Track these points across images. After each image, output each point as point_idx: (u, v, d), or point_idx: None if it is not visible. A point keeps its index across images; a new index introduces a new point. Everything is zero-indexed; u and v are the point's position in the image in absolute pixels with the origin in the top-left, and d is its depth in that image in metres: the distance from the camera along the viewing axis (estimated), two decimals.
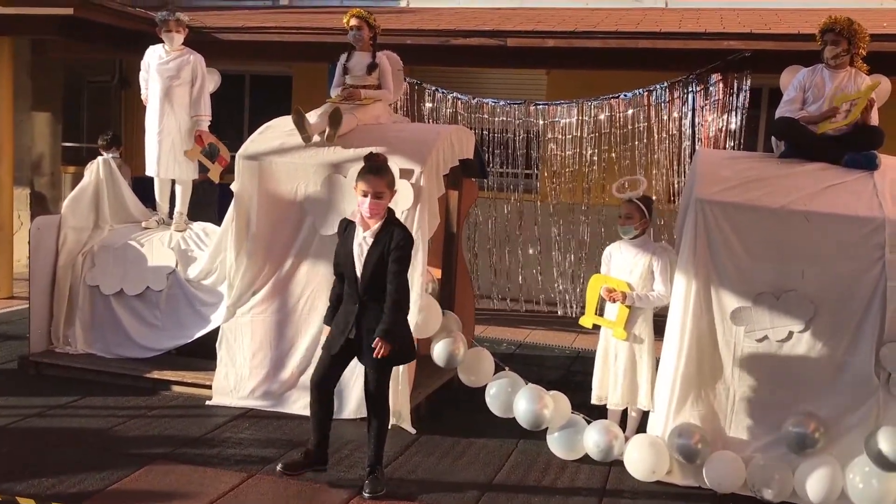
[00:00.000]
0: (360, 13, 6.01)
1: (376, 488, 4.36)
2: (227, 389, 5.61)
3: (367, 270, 4.25)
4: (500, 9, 9.68)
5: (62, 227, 6.30)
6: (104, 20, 8.59)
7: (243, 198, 5.62)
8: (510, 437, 5.23)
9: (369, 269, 4.24)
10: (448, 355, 5.34)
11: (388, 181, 4.26)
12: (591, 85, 8.55)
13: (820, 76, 5.18)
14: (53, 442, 4.85)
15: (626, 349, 5.04)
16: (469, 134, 6.25)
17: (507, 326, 8.48)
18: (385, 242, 4.22)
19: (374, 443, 4.44)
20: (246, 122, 10.85)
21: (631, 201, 5.10)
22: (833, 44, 5.10)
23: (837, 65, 5.12)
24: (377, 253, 4.23)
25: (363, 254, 4.27)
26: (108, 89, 11.66)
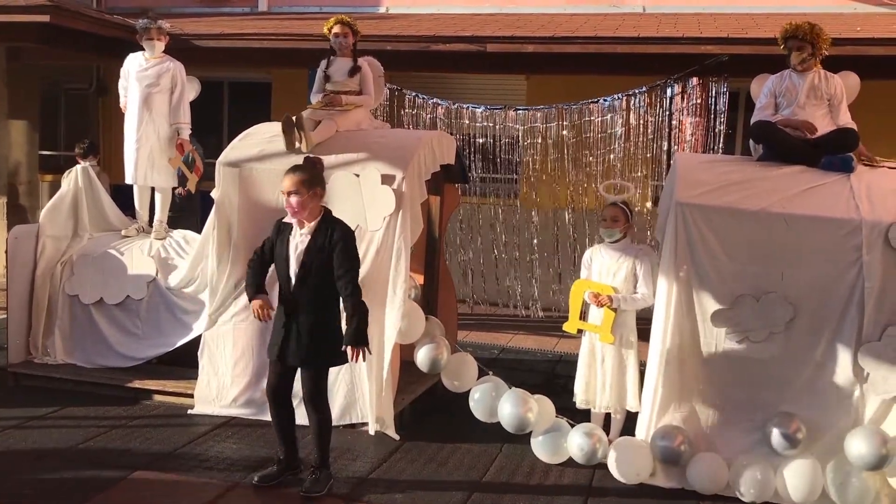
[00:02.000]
0: (344, 20, 6.01)
1: (312, 488, 4.37)
2: (210, 398, 5.57)
3: (301, 270, 4.24)
4: (479, 15, 9.72)
5: (40, 235, 6.23)
6: (81, 27, 8.54)
7: (224, 205, 5.59)
8: (494, 442, 5.23)
9: (304, 269, 4.24)
10: (432, 361, 5.34)
11: (304, 179, 4.21)
12: (570, 90, 8.61)
13: (790, 81, 5.27)
14: (33, 454, 4.79)
15: (613, 353, 5.06)
16: (450, 139, 6.26)
17: (490, 331, 8.50)
18: (323, 241, 4.22)
19: (316, 443, 4.44)
20: (225, 129, 10.80)
21: (616, 205, 5.13)
22: (798, 49, 5.22)
23: (805, 68, 5.22)
24: (314, 251, 4.22)
25: (299, 253, 4.25)
26: (85, 97, 11.57)
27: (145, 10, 10.00)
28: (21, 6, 8.18)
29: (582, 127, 8.30)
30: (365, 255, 5.33)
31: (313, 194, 4.25)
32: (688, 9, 9.52)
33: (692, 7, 9.58)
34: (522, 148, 8.65)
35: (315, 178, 4.29)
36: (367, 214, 5.34)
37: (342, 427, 5.36)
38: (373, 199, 5.33)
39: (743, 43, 7.60)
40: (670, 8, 9.61)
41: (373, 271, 5.31)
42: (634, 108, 8.16)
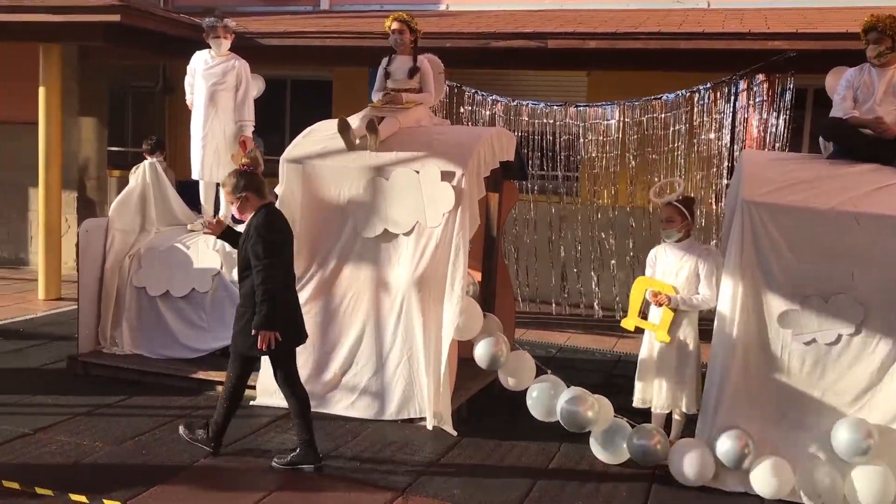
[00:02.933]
0: (401, 17, 6.03)
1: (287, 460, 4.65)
2: (271, 390, 5.63)
3: (237, 263, 4.71)
4: (539, 11, 9.66)
5: (109, 229, 6.42)
6: (149, 26, 8.74)
7: (287, 200, 5.68)
8: (552, 440, 5.21)
9: (238, 263, 4.70)
10: (490, 357, 5.33)
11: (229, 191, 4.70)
12: (632, 86, 8.50)
13: (868, 75, 5.11)
14: (101, 440, 4.94)
15: (672, 352, 4.99)
16: (510, 136, 6.24)
17: (547, 330, 8.45)
18: (246, 235, 4.62)
19: (297, 424, 4.69)
20: (287, 126, 10.95)
21: (670, 204, 5.06)
22: (876, 42, 5.05)
23: (882, 63, 5.05)
24: (241, 246, 4.67)
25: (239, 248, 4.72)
26: (152, 94, 11.86)
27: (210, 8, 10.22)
28: (92, 6, 8.41)
29: (644, 124, 8.19)
30: (424, 251, 5.37)
31: (244, 198, 4.67)
32: (754, 4, 9.31)
33: (758, 2, 9.37)
34: (583, 145, 8.57)
35: (236, 185, 4.68)
36: (426, 211, 5.37)
37: (400, 421, 5.40)
38: (432, 195, 5.35)
39: (811, 38, 7.40)
40: (736, 3, 9.41)
41: (431, 268, 5.34)
42: (698, 105, 8.02)
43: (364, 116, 5.74)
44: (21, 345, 7.00)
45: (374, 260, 5.51)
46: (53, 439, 4.91)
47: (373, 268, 5.51)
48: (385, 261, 5.50)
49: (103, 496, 4.18)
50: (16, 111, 10.32)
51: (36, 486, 4.27)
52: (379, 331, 5.47)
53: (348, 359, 5.53)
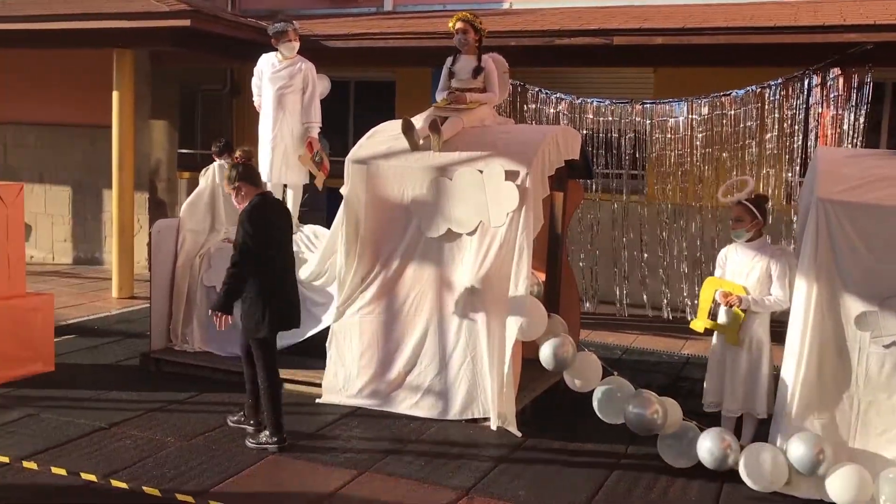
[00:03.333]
0: (465, 16, 6.01)
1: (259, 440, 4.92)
2: (337, 388, 5.72)
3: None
4: (605, 7, 9.54)
5: (180, 229, 6.58)
6: (218, 30, 8.93)
7: (352, 200, 5.73)
8: (619, 443, 5.14)
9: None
10: (556, 358, 5.27)
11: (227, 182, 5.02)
12: (700, 83, 8.32)
13: None
14: (173, 435, 5.06)
15: (743, 355, 4.87)
16: (576, 134, 6.18)
17: (612, 331, 8.35)
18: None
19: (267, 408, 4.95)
20: (351, 128, 11.06)
21: (740, 203, 4.93)
22: None
23: None
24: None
25: None
26: (219, 97, 12.11)
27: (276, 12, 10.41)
28: (163, 12, 8.64)
29: (713, 121, 8.01)
30: (487, 251, 5.35)
31: (238, 188, 4.97)
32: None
33: None
34: (649, 143, 8.44)
35: (231, 177, 4.99)
36: (490, 210, 5.35)
37: (464, 421, 5.40)
38: (496, 195, 5.33)
39: (890, 30, 7.13)
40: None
41: (495, 267, 5.32)
42: (769, 101, 7.80)
43: (427, 117, 5.75)
44: (96, 342, 7.23)
45: (437, 260, 5.52)
46: (127, 434, 5.06)
47: (436, 267, 5.52)
48: (449, 260, 5.50)
49: (175, 490, 4.29)
50: (91, 115, 10.67)
51: (111, 478, 4.39)
52: (442, 330, 5.48)
53: (412, 358, 5.55)
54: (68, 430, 5.06)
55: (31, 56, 10.85)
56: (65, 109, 11.08)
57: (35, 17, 9.15)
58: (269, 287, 4.86)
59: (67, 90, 11.02)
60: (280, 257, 4.97)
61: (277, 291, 4.91)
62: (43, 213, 11.41)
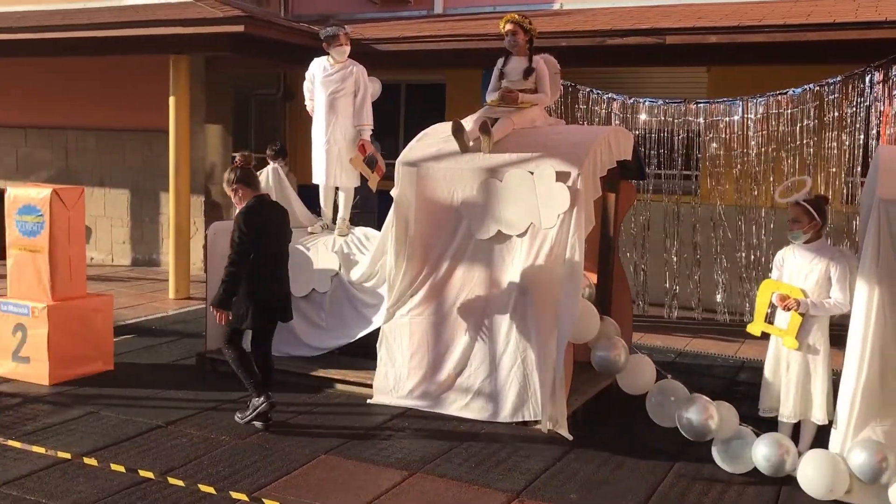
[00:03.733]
0: (514, 18, 5.98)
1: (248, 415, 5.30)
2: (387, 389, 5.75)
3: None
4: (657, 7, 9.41)
5: None
6: (271, 35, 9.07)
7: (402, 203, 5.75)
8: (672, 448, 5.06)
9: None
10: (608, 362, 5.23)
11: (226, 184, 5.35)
12: (754, 81, 8.18)
13: None
14: (227, 434, 5.14)
15: (800, 359, 4.76)
16: (628, 135, 6.11)
17: (665, 333, 8.23)
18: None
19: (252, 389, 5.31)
20: (401, 130, 11.13)
21: (798, 204, 4.82)
22: None
23: None
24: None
25: None
26: (273, 102, 12.29)
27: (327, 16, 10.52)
28: (218, 18, 8.80)
29: (769, 120, 7.85)
30: (538, 252, 5.32)
31: (235, 190, 5.30)
32: None
33: None
34: (703, 143, 8.30)
35: (230, 180, 5.32)
36: (541, 212, 5.32)
37: (515, 424, 5.38)
38: (547, 196, 5.30)
39: None
40: None
41: (546, 269, 5.29)
42: (828, 99, 7.61)
43: (478, 118, 5.75)
44: (154, 342, 7.40)
45: (487, 261, 5.51)
46: (184, 432, 5.16)
47: (486, 269, 5.51)
48: (499, 262, 5.48)
49: (230, 488, 4.36)
50: (148, 120, 10.93)
51: (168, 476, 4.49)
52: (492, 332, 5.46)
53: (462, 360, 5.54)
54: (127, 428, 5.19)
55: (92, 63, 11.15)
56: (124, 114, 11.37)
57: (96, 25, 9.41)
58: (256, 285, 5.20)
59: (126, 96, 11.31)
60: (273, 256, 5.31)
61: (264, 289, 5.25)
62: (103, 215, 11.72)
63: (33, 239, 6.12)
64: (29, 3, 11.29)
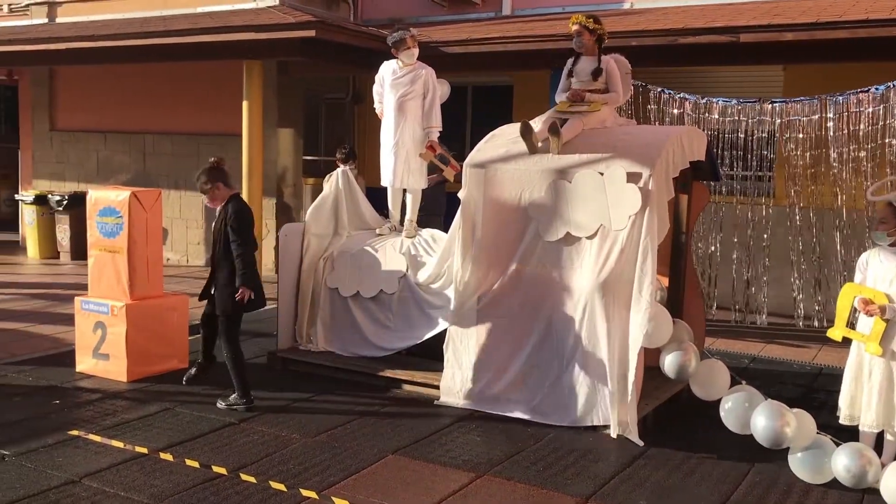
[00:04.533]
0: (579, 19, 5.91)
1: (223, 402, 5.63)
2: (454, 390, 5.75)
3: (213, 241, 5.70)
4: (731, 4, 9.20)
5: (305, 233, 6.79)
6: (341, 40, 9.19)
7: (469, 205, 5.75)
8: (746, 455, 4.92)
9: (214, 239, 5.68)
10: (679, 367, 5.14)
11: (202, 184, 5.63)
12: (833, 79, 7.91)
13: None
14: (298, 432, 5.21)
15: (883, 366, 4.57)
16: (701, 135, 5.99)
17: (739, 339, 8.03)
18: (223, 217, 5.59)
19: (233, 374, 5.62)
20: (468, 132, 11.13)
21: (889, 204, 4.64)
22: None
23: None
24: (218, 225, 5.62)
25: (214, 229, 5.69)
26: (342, 105, 12.45)
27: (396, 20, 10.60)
28: (290, 23, 8.96)
29: (849, 119, 7.58)
30: (609, 254, 5.26)
31: (213, 188, 5.63)
32: None
33: None
34: (779, 143, 8.07)
35: (208, 178, 5.61)
36: (611, 214, 5.26)
37: (583, 428, 5.32)
38: (617, 197, 5.24)
39: None
40: None
41: (617, 271, 5.22)
42: None
43: (547, 119, 5.71)
44: None
45: (556, 263, 5.47)
46: (255, 430, 5.25)
47: (555, 271, 5.47)
48: (567, 264, 5.43)
49: (300, 486, 4.41)
50: (222, 124, 11.20)
51: (240, 472, 4.57)
52: (561, 335, 5.42)
53: (529, 362, 5.51)
54: (201, 425, 5.31)
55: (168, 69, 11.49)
56: (198, 119, 11.68)
57: (172, 32, 9.68)
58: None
59: (201, 100, 11.61)
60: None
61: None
62: (178, 217, 12.05)
63: (113, 240, 6.33)
64: (108, 12, 11.70)
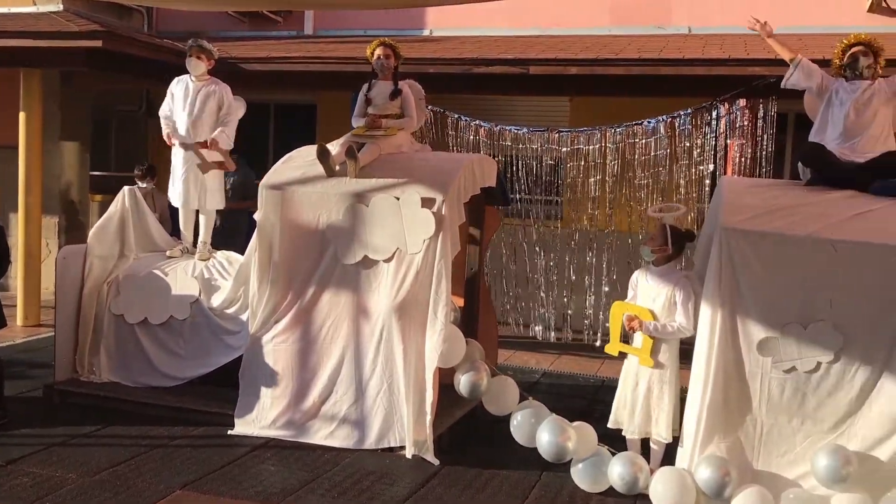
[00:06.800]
0: (387, 42, 6.08)
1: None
2: (250, 419, 5.60)
3: None
4: (522, 37, 9.71)
5: (88, 255, 6.36)
6: (132, 51, 8.73)
7: (266, 227, 5.65)
8: (534, 468, 5.16)
9: None
10: (471, 385, 5.30)
11: None
12: (614, 112, 8.54)
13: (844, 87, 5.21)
14: (75, 471, 4.85)
15: (649, 377, 4.96)
16: (492, 162, 6.25)
17: (533, 352, 8.43)
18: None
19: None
20: (271, 151, 10.93)
21: (664, 226, 5.06)
22: (864, 55, 5.21)
23: (867, 77, 5.20)
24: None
25: None
26: (135, 118, 11.83)
27: (193, 33, 10.21)
28: (73, 32, 8.40)
29: (626, 149, 8.22)
30: (404, 277, 5.35)
31: None
32: (734, 30, 9.35)
33: (739, 28, 9.39)
34: (566, 170, 8.60)
35: None
36: (406, 237, 5.35)
37: (380, 451, 5.35)
38: (412, 221, 5.34)
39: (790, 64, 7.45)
40: (716, 29, 9.47)
41: (412, 294, 5.31)
42: (679, 131, 8.06)
43: (344, 143, 5.74)
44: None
45: (353, 287, 5.48)
46: (25, 471, 4.82)
47: (353, 294, 5.48)
48: (365, 287, 5.47)
49: None
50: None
51: None
52: (358, 359, 5.43)
53: (328, 387, 5.48)
54: None
55: None
56: None
57: None
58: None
59: None
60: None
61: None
62: None
63: None
64: None
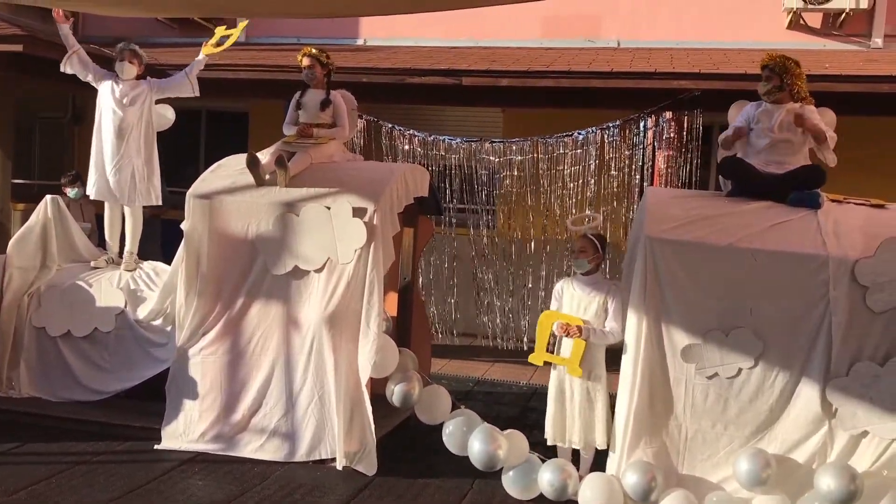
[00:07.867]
0: (311, 52, 6.05)
1: None
2: (177, 433, 5.48)
3: None
4: (455, 48, 9.78)
5: (7, 267, 6.16)
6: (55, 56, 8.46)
7: (193, 237, 5.55)
8: (467, 477, 5.17)
9: None
10: (403, 395, 5.31)
11: None
12: (546, 123, 8.66)
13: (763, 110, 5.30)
14: None
15: (582, 387, 5.02)
16: (424, 172, 6.27)
17: (467, 361, 8.47)
18: None
19: None
20: (202, 158, 10.76)
21: (585, 236, 5.14)
22: (766, 80, 5.25)
23: (773, 100, 5.24)
24: None
25: None
26: (60, 125, 11.51)
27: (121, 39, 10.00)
28: None
29: (557, 160, 8.34)
30: (335, 288, 5.32)
31: None
32: (661, 44, 9.63)
33: (666, 42, 9.69)
34: (499, 180, 8.68)
35: None
36: (338, 247, 5.33)
37: (311, 463, 5.30)
38: (344, 231, 5.32)
39: (715, 78, 7.69)
40: (644, 43, 9.71)
41: (343, 304, 5.29)
42: (608, 142, 8.22)
43: (274, 152, 5.69)
44: None
45: (284, 297, 5.43)
46: None
47: (283, 305, 5.43)
48: (296, 298, 5.42)
49: None
50: None
51: None
52: (289, 370, 5.38)
53: (257, 399, 5.41)
54: None
55: None
56: None
57: None
58: None
59: None
60: None
61: None
62: None
63: None
64: None
